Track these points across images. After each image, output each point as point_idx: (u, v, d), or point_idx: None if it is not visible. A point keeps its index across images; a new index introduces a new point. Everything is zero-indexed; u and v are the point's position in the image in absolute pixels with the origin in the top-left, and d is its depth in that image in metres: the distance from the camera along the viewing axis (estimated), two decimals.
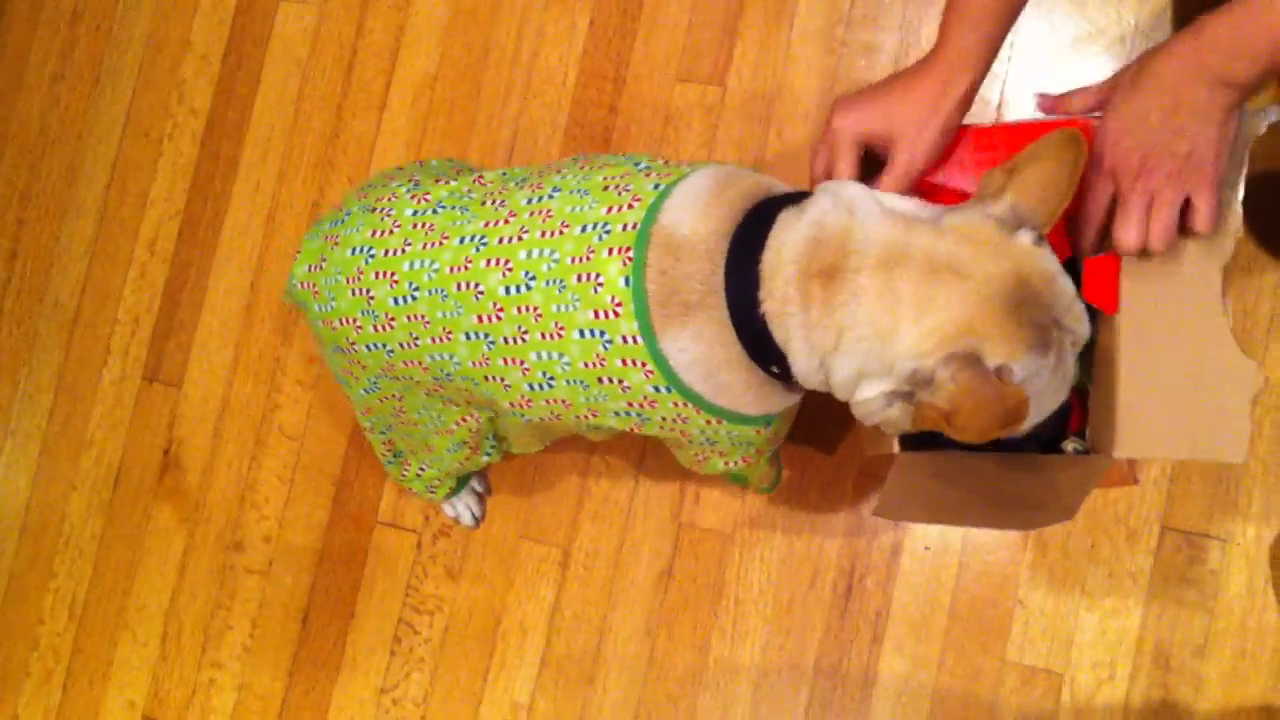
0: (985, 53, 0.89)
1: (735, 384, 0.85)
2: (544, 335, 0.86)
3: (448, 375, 0.95)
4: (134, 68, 1.67)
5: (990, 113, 1.33)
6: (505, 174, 0.98)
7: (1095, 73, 1.30)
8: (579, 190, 0.88)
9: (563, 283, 0.84)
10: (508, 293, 0.87)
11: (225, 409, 1.56)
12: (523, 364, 0.89)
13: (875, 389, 0.79)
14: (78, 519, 1.61)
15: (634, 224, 0.82)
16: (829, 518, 1.32)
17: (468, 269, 0.89)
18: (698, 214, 0.82)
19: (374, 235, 0.97)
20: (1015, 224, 0.78)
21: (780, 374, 0.84)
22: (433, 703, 1.42)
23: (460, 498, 1.38)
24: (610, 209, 0.85)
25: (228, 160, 1.61)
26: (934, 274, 0.75)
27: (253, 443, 1.54)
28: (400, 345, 0.96)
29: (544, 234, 0.86)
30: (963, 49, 0.89)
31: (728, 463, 1.02)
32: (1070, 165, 0.78)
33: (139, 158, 1.65)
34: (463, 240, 0.90)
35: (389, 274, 0.94)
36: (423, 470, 1.26)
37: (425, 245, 0.92)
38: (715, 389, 0.85)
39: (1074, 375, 0.82)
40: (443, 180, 0.99)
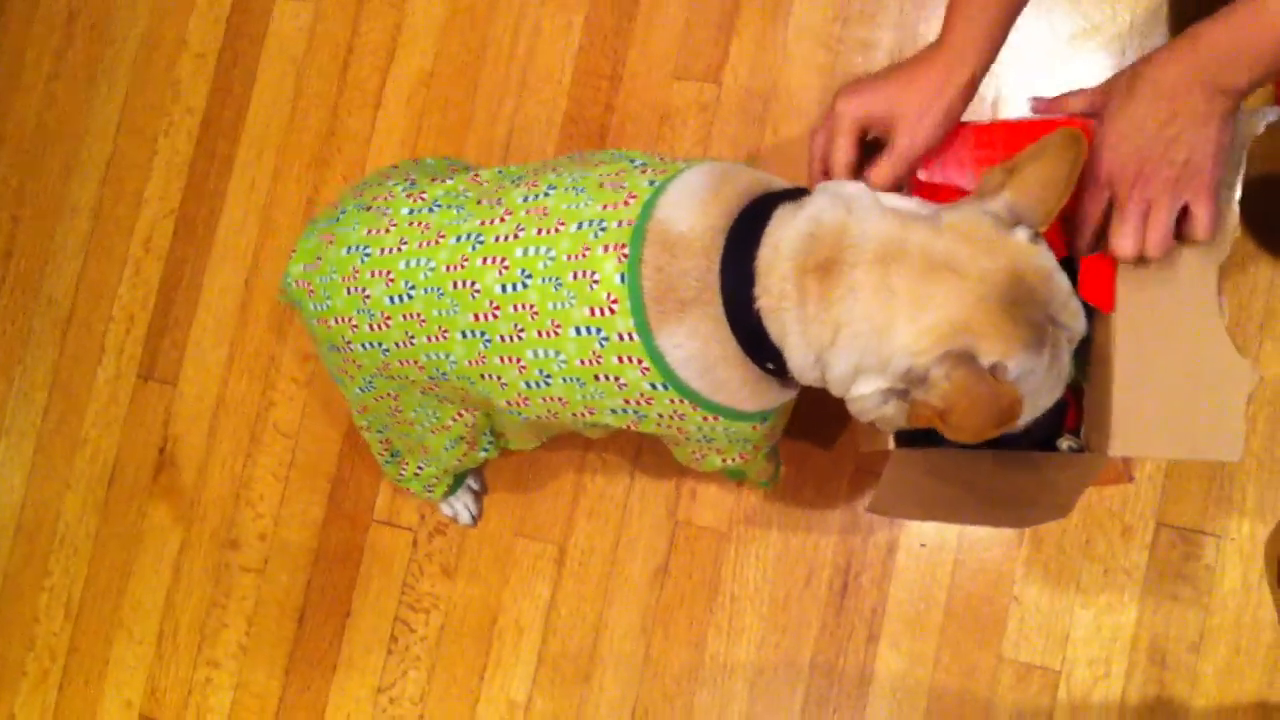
0: (989, 42, 0.89)
1: (731, 380, 0.85)
2: (540, 333, 0.86)
3: (443, 374, 0.95)
4: (129, 66, 1.67)
5: (986, 109, 1.33)
6: (501, 172, 0.98)
7: (1091, 70, 1.30)
8: (575, 188, 0.88)
9: (559, 280, 0.84)
10: (504, 291, 0.87)
11: (220, 407, 1.56)
12: (519, 362, 0.89)
13: (871, 385, 0.79)
14: (73, 517, 1.61)
15: (629, 221, 0.82)
16: (825, 515, 1.32)
17: (464, 267, 0.89)
18: (694, 210, 0.82)
19: (370, 234, 0.96)
20: (1012, 221, 0.78)
21: (776, 370, 0.83)
22: (429, 701, 1.42)
23: (457, 496, 1.38)
24: (606, 206, 0.84)
25: (223, 158, 1.60)
26: (930, 271, 0.75)
27: (248, 440, 1.54)
28: (396, 344, 0.96)
29: (540, 232, 0.86)
30: (967, 37, 0.89)
31: (725, 459, 1.02)
32: (1070, 164, 0.78)
33: (134, 156, 1.65)
34: (459, 239, 0.90)
35: (385, 273, 0.94)
36: (420, 469, 1.26)
37: (421, 244, 0.92)
38: (711, 385, 0.85)
39: (1069, 372, 0.82)
40: (439, 179, 0.99)
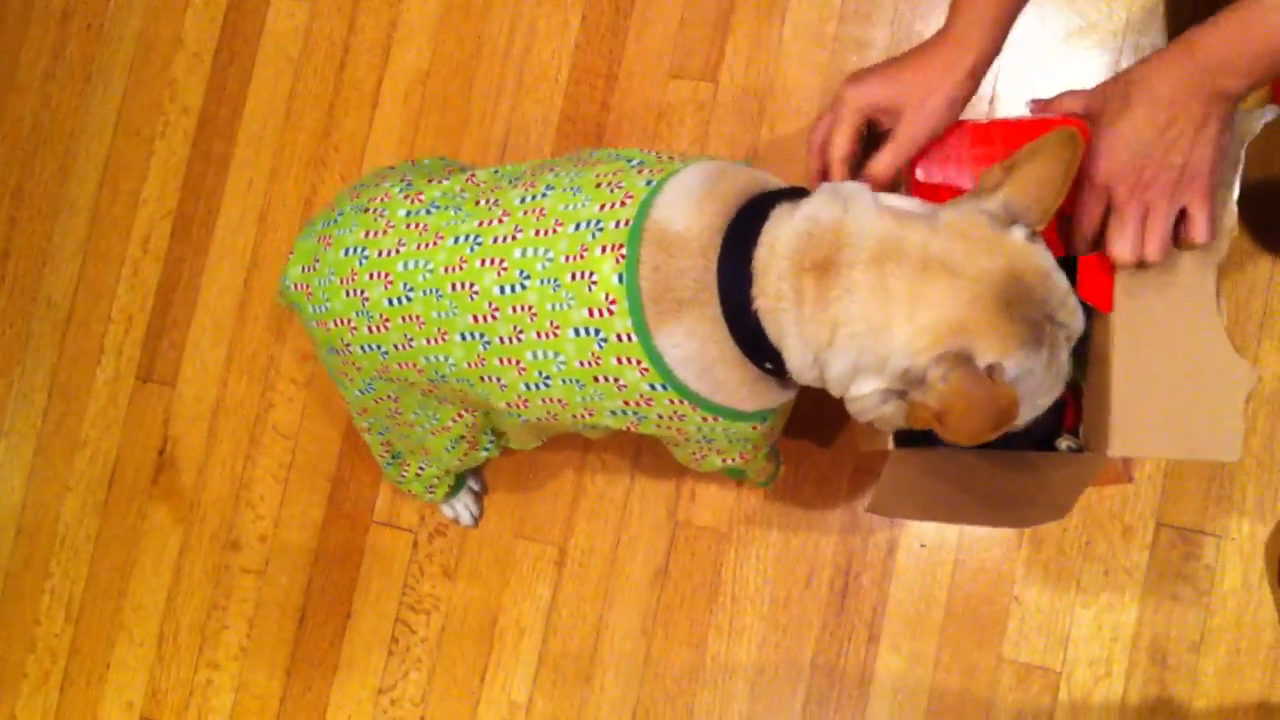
0: (993, 28, 0.89)
1: (730, 380, 0.85)
2: (539, 334, 0.86)
3: (442, 377, 0.95)
4: (125, 66, 1.66)
5: (983, 107, 1.33)
6: (498, 171, 0.98)
7: (1087, 67, 1.30)
8: (572, 188, 0.88)
9: (557, 281, 0.84)
10: (503, 292, 0.86)
11: (219, 408, 1.56)
12: (518, 364, 0.88)
13: (870, 386, 0.78)
14: (73, 519, 1.61)
15: (626, 221, 0.82)
16: (825, 515, 1.32)
17: (462, 269, 0.89)
18: (690, 209, 0.82)
19: (367, 236, 0.96)
20: (1009, 220, 0.77)
21: (774, 370, 0.83)
22: (430, 702, 1.42)
23: (458, 498, 1.38)
24: (603, 206, 0.84)
25: (220, 158, 1.60)
26: (927, 270, 0.74)
27: (247, 442, 1.54)
28: (395, 347, 0.96)
29: (538, 233, 0.86)
30: (970, 23, 0.89)
31: (725, 459, 1.02)
32: (1066, 163, 0.78)
33: (131, 156, 1.64)
34: (457, 240, 0.90)
35: (383, 275, 0.94)
36: (421, 470, 1.26)
37: (419, 246, 0.92)
38: (710, 386, 0.84)
39: (1068, 371, 0.82)
40: (435, 180, 0.99)
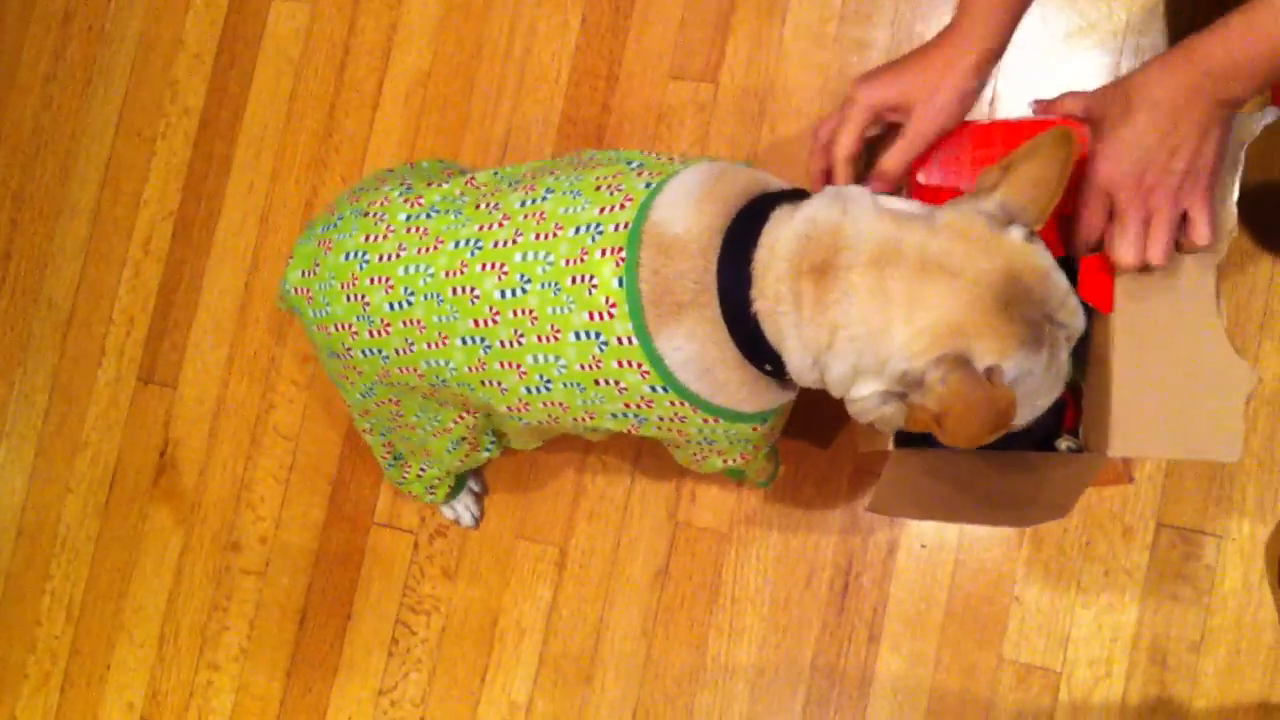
0: (999, 21, 0.89)
1: (730, 382, 0.85)
2: (540, 338, 0.86)
3: (443, 381, 0.95)
4: (126, 67, 1.66)
5: (983, 108, 1.33)
6: (497, 173, 0.98)
7: (1087, 67, 1.30)
8: (572, 191, 0.88)
9: (557, 285, 0.84)
10: (503, 296, 0.86)
11: (220, 409, 1.56)
12: (519, 368, 0.88)
13: (869, 388, 0.78)
14: (74, 520, 1.61)
15: (626, 224, 0.82)
16: (825, 515, 1.32)
17: (463, 273, 0.89)
18: (689, 211, 0.81)
19: (367, 240, 0.96)
20: (1006, 220, 0.77)
21: (774, 371, 0.83)
22: (431, 703, 1.42)
23: (459, 499, 1.38)
24: (603, 209, 0.84)
25: (221, 160, 1.60)
26: (925, 272, 0.74)
27: (248, 443, 1.54)
28: (396, 351, 0.96)
29: (538, 236, 0.86)
30: (976, 18, 0.89)
31: (726, 460, 1.02)
32: (1061, 163, 0.78)
33: (132, 157, 1.65)
34: (457, 244, 0.90)
35: (384, 279, 0.94)
36: (423, 471, 1.26)
37: (420, 250, 0.92)
38: (711, 387, 0.84)
39: (1068, 371, 0.82)
40: (434, 183, 0.99)
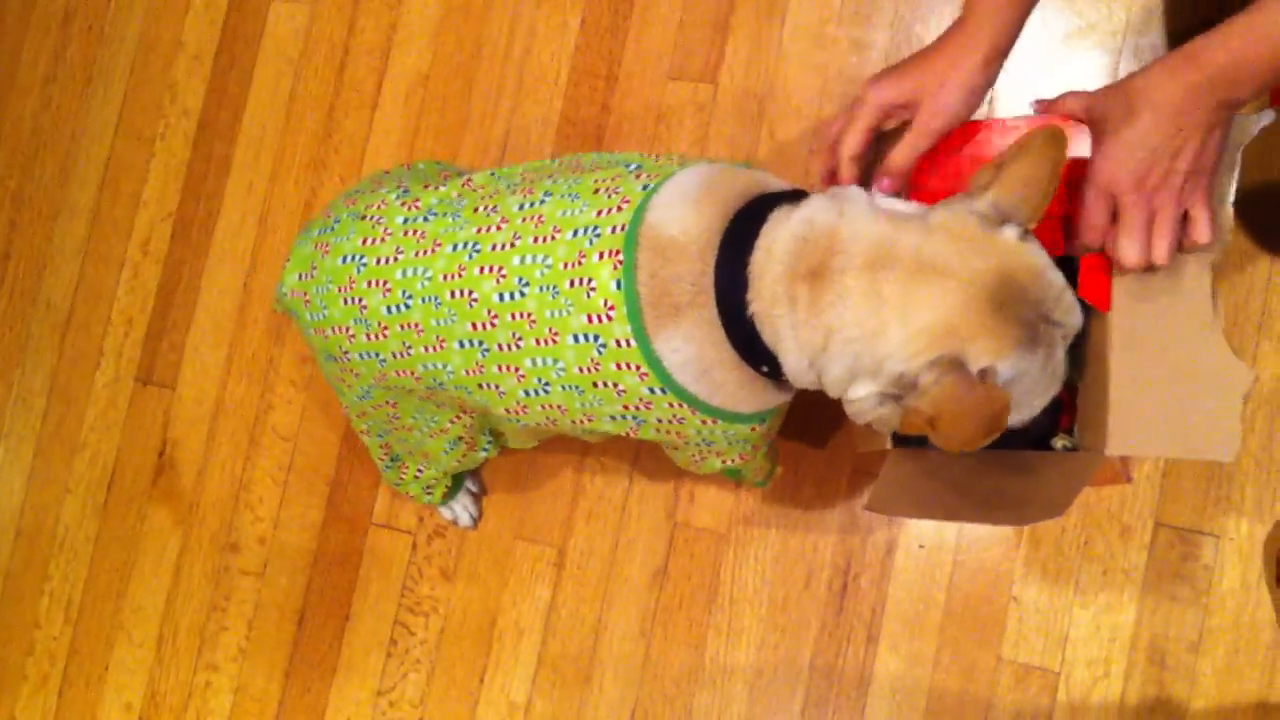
0: (1007, 18, 0.89)
1: (728, 383, 0.85)
2: (538, 341, 0.86)
3: (441, 384, 0.95)
4: (126, 68, 1.66)
5: (983, 108, 1.32)
6: (494, 174, 0.98)
7: (1087, 67, 1.30)
8: (570, 194, 0.87)
9: (556, 288, 0.84)
10: (501, 299, 0.86)
11: (219, 410, 1.56)
12: (517, 370, 0.88)
13: (866, 389, 0.78)
14: (72, 521, 1.61)
15: (623, 226, 0.82)
16: (823, 515, 1.32)
17: (461, 276, 0.88)
18: (686, 213, 0.81)
19: (365, 243, 0.96)
20: (999, 219, 0.77)
21: (770, 373, 0.83)
22: (429, 704, 1.42)
23: (457, 499, 1.38)
24: (600, 212, 0.84)
25: (220, 160, 1.60)
26: (919, 273, 0.74)
27: (246, 444, 1.54)
28: (393, 354, 0.96)
29: (536, 239, 0.86)
30: (983, 13, 0.89)
31: (724, 461, 1.02)
32: (1054, 161, 0.78)
33: (131, 158, 1.65)
34: (455, 247, 0.90)
35: (381, 282, 0.93)
36: (420, 471, 1.26)
37: (417, 253, 0.92)
38: (709, 389, 0.84)
39: (1064, 370, 0.82)
40: (432, 185, 0.99)
